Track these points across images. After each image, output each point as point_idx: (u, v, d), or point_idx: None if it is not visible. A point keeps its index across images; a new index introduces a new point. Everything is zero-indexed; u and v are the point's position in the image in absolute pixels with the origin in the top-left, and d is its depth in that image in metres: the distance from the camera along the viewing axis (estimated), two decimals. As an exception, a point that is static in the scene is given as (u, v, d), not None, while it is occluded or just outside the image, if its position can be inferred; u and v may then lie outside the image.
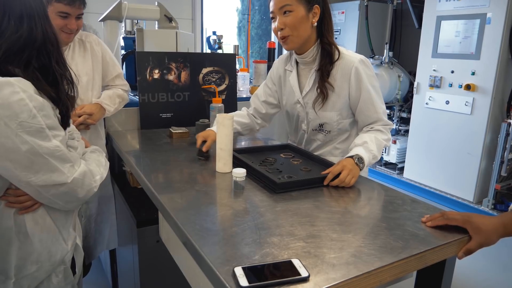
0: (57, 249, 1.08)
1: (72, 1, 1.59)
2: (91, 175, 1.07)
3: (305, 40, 1.47)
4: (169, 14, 2.50)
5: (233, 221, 1.04)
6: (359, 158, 1.36)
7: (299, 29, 1.42)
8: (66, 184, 0.98)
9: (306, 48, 1.51)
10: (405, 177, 4.07)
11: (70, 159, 0.99)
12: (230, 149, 1.40)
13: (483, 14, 3.22)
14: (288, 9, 1.40)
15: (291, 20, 1.41)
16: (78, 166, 1.03)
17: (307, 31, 1.45)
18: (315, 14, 1.45)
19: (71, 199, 1.03)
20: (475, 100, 3.33)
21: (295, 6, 1.40)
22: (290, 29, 1.42)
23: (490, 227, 0.97)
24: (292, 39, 1.44)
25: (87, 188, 1.05)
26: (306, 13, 1.42)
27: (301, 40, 1.46)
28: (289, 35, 1.43)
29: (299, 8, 1.40)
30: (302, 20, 1.41)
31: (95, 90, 1.85)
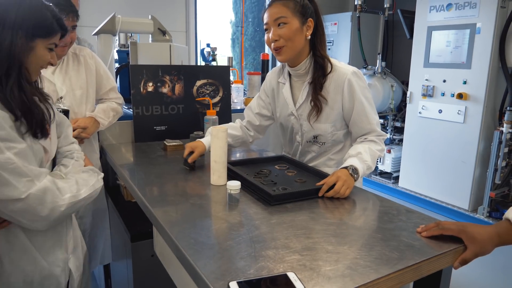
0: (33, 270, 1.05)
1: (65, 14, 1.59)
2: (58, 192, 1.00)
3: (299, 52, 1.49)
4: (162, 27, 2.51)
5: (228, 234, 1.03)
6: (354, 169, 1.36)
7: (294, 41, 1.44)
8: (21, 199, 0.92)
9: (299, 61, 1.52)
10: (400, 186, 4.08)
11: (27, 173, 0.93)
12: (225, 162, 1.39)
13: (472, 24, 3.27)
14: (283, 21, 1.42)
15: (285, 32, 1.42)
16: (38, 181, 0.96)
17: (301, 43, 1.46)
18: (309, 28, 1.47)
19: (33, 217, 0.96)
20: (467, 108, 3.36)
21: (290, 18, 1.42)
22: (284, 41, 1.43)
23: (485, 237, 0.97)
24: (286, 50, 1.45)
25: (50, 206, 0.97)
26: (300, 25, 1.44)
27: (294, 51, 1.47)
28: (284, 46, 1.44)
29: (294, 21, 1.42)
30: (296, 32, 1.43)
31: (89, 104, 1.84)
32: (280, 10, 1.42)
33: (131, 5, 4.10)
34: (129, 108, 2.22)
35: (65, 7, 1.60)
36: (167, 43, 2.45)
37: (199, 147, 1.57)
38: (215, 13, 5.18)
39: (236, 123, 1.83)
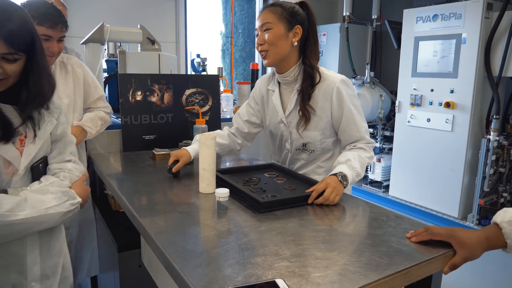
0: None
1: (54, 24, 1.59)
2: None
3: (283, 58, 1.50)
4: (151, 37, 2.51)
5: (216, 242, 1.02)
6: (343, 175, 1.36)
7: (277, 46, 1.47)
8: None
9: (286, 67, 1.54)
10: (391, 195, 4.09)
11: None
12: (213, 169, 1.38)
13: (458, 35, 3.33)
14: (268, 26, 1.47)
15: (269, 37, 1.46)
16: None
17: (285, 49, 1.48)
18: (296, 34, 1.48)
19: None
20: (455, 117, 3.40)
21: (275, 24, 1.46)
22: (268, 45, 1.48)
23: (474, 241, 0.97)
24: (269, 54, 1.49)
25: None
26: (285, 31, 1.46)
27: (278, 56, 1.49)
28: (267, 50, 1.49)
29: (279, 27, 1.46)
30: (280, 37, 1.46)
31: (76, 113, 1.82)
32: (266, 17, 1.47)
33: (120, 16, 4.10)
34: (118, 117, 2.20)
35: (54, 17, 1.59)
36: (156, 52, 2.45)
37: (184, 155, 1.56)
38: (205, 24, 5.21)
39: (224, 131, 1.83)
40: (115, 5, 4.10)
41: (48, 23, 1.56)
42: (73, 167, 1.21)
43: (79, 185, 1.19)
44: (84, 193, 1.18)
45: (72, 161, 1.23)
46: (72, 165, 1.22)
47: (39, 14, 1.56)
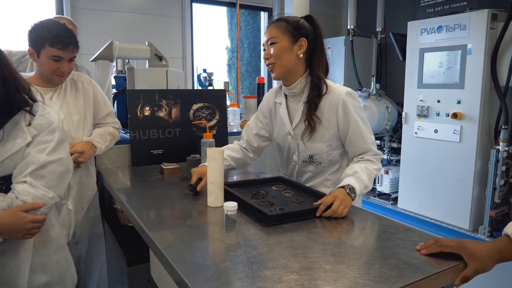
0: None
1: (66, 46, 1.62)
2: None
3: (290, 70, 1.53)
4: (159, 53, 2.55)
5: (225, 255, 1.02)
6: (351, 188, 1.36)
7: (282, 59, 1.51)
8: None
9: (293, 80, 1.56)
10: (400, 207, 4.05)
11: None
12: (221, 183, 1.39)
13: (463, 46, 3.34)
14: (273, 41, 1.51)
15: (274, 51, 1.51)
16: None
17: (290, 61, 1.52)
18: (301, 47, 1.51)
19: None
20: (462, 128, 3.39)
21: (279, 38, 1.50)
22: (274, 58, 1.52)
23: (485, 253, 0.96)
24: (276, 68, 1.53)
25: None
26: (290, 44, 1.50)
27: (285, 69, 1.53)
28: (274, 63, 1.52)
29: (283, 40, 1.50)
30: (285, 50, 1.50)
31: (86, 128, 1.85)
32: (271, 32, 1.52)
33: (128, 33, 4.18)
34: (126, 133, 2.22)
35: (65, 39, 1.62)
36: (164, 68, 2.49)
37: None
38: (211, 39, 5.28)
39: (234, 145, 1.84)
40: (123, 23, 4.19)
41: (59, 44, 1.60)
42: (23, 189, 1.14)
43: (8, 214, 1.10)
44: (11, 223, 1.10)
45: (28, 183, 1.15)
46: (24, 188, 1.14)
47: (51, 36, 1.59)
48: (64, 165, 1.24)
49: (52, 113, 1.25)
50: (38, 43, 1.61)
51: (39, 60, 1.66)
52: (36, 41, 1.62)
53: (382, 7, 4.66)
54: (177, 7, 4.50)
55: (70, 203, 1.80)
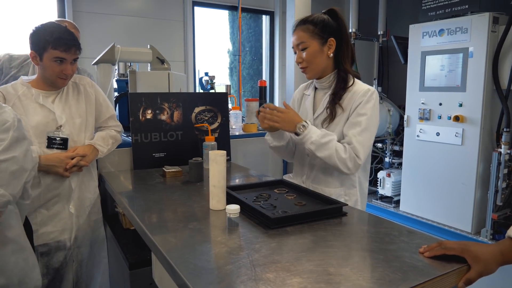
0: None
1: (68, 48, 1.64)
2: None
3: (322, 69, 1.60)
4: (161, 56, 2.56)
5: (227, 258, 1.02)
6: (303, 124, 1.50)
7: (314, 62, 1.58)
8: None
9: (323, 75, 1.63)
10: (402, 210, 4.04)
11: None
12: (223, 186, 1.39)
13: (465, 49, 3.34)
14: (303, 46, 1.57)
15: (306, 56, 1.57)
16: None
17: (322, 62, 1.59)
18: (331, 46, 1.57)
19: None
20: (464, 131, 3.38)
21: (309, 42, 1.56)
22: (306, 63, 1.59)
23: (488, 256, 0.96)
24: (309, 70, 1.60)
25: None
26: (320, 46, 1.56)
27: (318, 70, 1.60)
28: (307, 67, 1.60)
29: (313, 44, 1.56)
30: (316, 54, 1.56)
31: (88, 132, 1.86)
32: (300, 36, 1.57)
33: (130, 36, 4.20)
34: (128, 136, 2.23)
35: (68, 41, 1.64)
36: (166, 71, 2.49)
37: None
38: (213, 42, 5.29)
39: None
40: (125, 26, 4.20)
41: (62, 46, 1.61)
42: None
43: None
44: None
45: None
46: None
47: (54, 39, 1.61)
48: (18, 164, 1.23)
49: (8, 112, 1.24)
50: (41, 46, 1.62)
51: (41, 63, 1.66)
52: (39, 44, 1.63)
53: (383, 11, 4.67)
54: (179, 11, 4.52)
55: (72, 206, 1.80)
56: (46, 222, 1.74)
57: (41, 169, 1.66)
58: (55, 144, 1.73)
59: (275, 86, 5.37)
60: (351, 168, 1.52)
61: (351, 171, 1.54)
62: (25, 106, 1.69)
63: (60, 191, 1.77)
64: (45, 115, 1.72)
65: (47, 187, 1.72)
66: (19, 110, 1.67)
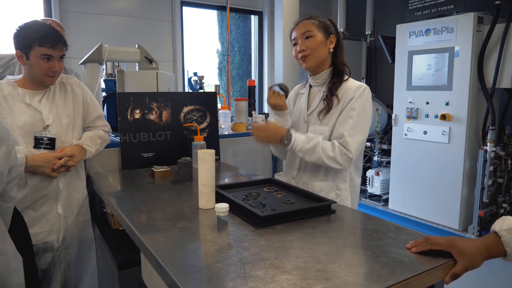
0: None
1: (55, 44, 1.62)
2: None
3: (322, 61, 1.67)
4: (149, 56, 2.54)
5: (217, 256, 1.02)
6: (289, 135, 1.59)
7: (318, 51, 1.63)
8: None
9: (320, 71, 1.68)
10: (391, 208, 4.08)
11: None
12: (213, 185, 1.39)
13: (451, 48, 3.38)
14: (309, 34, 1.63)
15: (311, 43, 1.63)
16: None
17: (324, 54, 1.65)
18: (332, 42, 1.66)
19: None
20: (451, 129, 3.43)
21: (315, 32, 1.63)
22: (310, 50, 1.63)
23: (474, 250, 0.98)
24: (311, 58, 1.64)
25: None
26: (324, 39, 1.65)
27: (318, 60, 1.65)
28: (309, 55, 1.64)
29: (319, 34, 1.63)
30: (321, 43, 1.63)
31: (75, 132, 1.84)
32: (306, 26, 1.64)
33: (117, 35, 4.16)
34: (116, 136, 2.21)
35: (54, 37, 1.63)
36: (154, 70, 2.48)
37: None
38: (202, 42, 5.28)
39: None
40: (113, 26, 4.16)
41: (48, 43, 1.60)
42: None
43: None
44: None
45: None
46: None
47: (39, 36, 1.59)
48: None
49: None
50: (27, 45, 1.60)
51: (28, 62, 1.64)
52: (24, 42, 1.61)
53: (371, 11, 4.71)
54: (167, 11, 4.50)
55: (59, 207, 1.78)
56: (33, 223, 1.72)
57: (28, 170, 1.64)
58: (42, 144, 1.71)
59: (264, 86, 5.38)
60: (342, 163, 1.56)
61: (343, 166, 1.57)
62: (11, 106, 1.67)
63: (48, 192, 1.75)
64: (31, 115, 1.70)
65: (34, 187, 1.70)
66: (4, 109, 1.65)
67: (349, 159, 1.55)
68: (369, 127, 1.63)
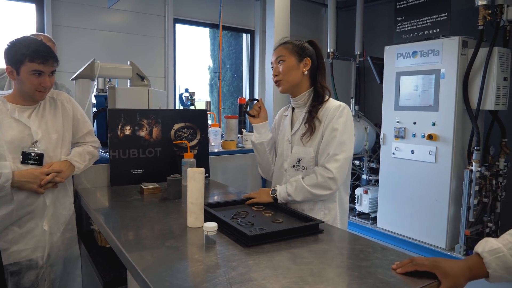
0: None
1: (46, 60, 1.63)
2: None
3: (296, 85, 1.70)
4: (141, 73, 2.56)
5: (204, 276, 1.02)
6: (273, 189, 1.66)
7: (289, 75, 1.67)
8: None
9: (298, 93, 1.71)
10: (379, 226, 4.10)
11: None
12: (201, 203, 1.39)
13: (437, 70, 3.48)
14: (282, 59, 1.68)
15: (283, 68, 1.68)
16: None
17: (296, 78, 1.68)
18: (306, 65, 1.67)
19: None
20: (438, 149, 3.49)
21: (287, 57, 1.67)
22: (282, 75, 1.68)
23: (457, 271, 0.99)
24: (283, 83, 1.69)
25: None
26: (297, 63, 1.67)
27: (290, 84, 1.69)
28: (281, 80, 1.69)
29: (291, 59, 1.67)
30: (292, 68, 1.67)
31: (64, 147, 1.83)
32: (280, 51, 1.70)
33: (110, 51, 4.18)
34: (106, 152, 2.20)
35: (45, 53, 1.63)
36: (146, 87, 2.49)
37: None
38: (194, 59, 5.33)
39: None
40: (105, 42, 4.19)
41: (39, 59, 1.61)
42: None
43: None
44: None
45: None
46: None
47: (30, 51, 1.60)
48: None
49: None
50: (17, 60, 1.61)
51: (19, 77, 1.65)
52: (15, 57, 1.61)
53: (360, 32, 4.82)
54: (160, 27, 4.55)
55: (45, 223, 1.76)
56: (18, 240, 1.70)
57: (14, 185, 1.63)
58: (30, 160, 1.69)
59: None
60: (331, 187, 1.57)
61: (333, 190, 1.58)
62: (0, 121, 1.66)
63: (34, 208, 1.72)
64: (20, 130, 1.69)
65: (20, 203, 1.68)
66: (-7, 125, 1.64)
67: (335, 180, 1.56)
68: (353, 144, 1.65)
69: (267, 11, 3.51)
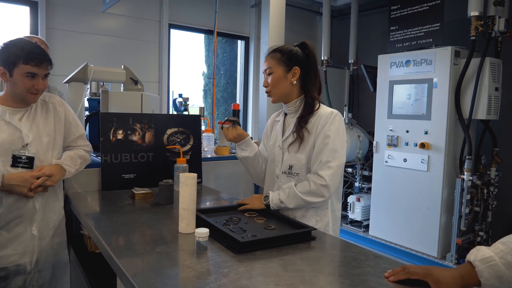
0: None
1: (40, 62, 1.62)
2: None
3: (286, 94, 1.69)
4: (134, 77, 2.55)
5: (195, 283, 1.01)
6: (266, 196, 1.64)
7: (278, 87, 1.67)
8: None
9: (289, 100, 1.71)
10: (371, 234, 4.10)
11: None
12: (193, 209, 1.38)
13: (430, 79, 3.51)
14: (270, 71, 1.68)
15: (271, 80, 1.67)
16: None
17: (285, 88, 1.67)
18: (295, 74, 1.66)
19: None
20: (430, 157, 3.51)
21: (275, 68, 1.66)
22: (271, 87, 1.69)
23: (450, 280, 0.99)
24: (272, 94, 1.70)
25: None
26: (284, 73, 1.66)
27: (279, 94, 1.69)
28: (270, 91, 1.69)
29: (278, 70, 1.66)
30: (280, 79, 1.66)
31: (55, 151, 1.81)
32: (268, 62, 1.69)
33: (103, 55, 4.17)
34: (97, 156, 2.18)
35: (39, 56, 1.62)
36: (139, 92, 2.48)
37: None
38: (188, 65, 5.33)
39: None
40: (100, 46, 4.18)
41: (34, 61, 1.60)
42: None
43: None
44: None
45: None
46: None
47: (25, 53, 1.59)
48: None
49: None
50: (11, 62, 1.59)
51: (11, 79, 1.63)
52: (9, 59, 1.60)
53: (354, 40, 4.87)
54: (155, 32, 4.55)
55: (34, 228, 1.73)
56: (6, 245, 1.66)
57: (3, 189, 1.60)
58: (20, 163, 1.67)
59: (248, 110, 5.43)
60: (324, 195, 1.56)
61: (326, 197, 1.57)
62: (-10, 123, 1.64)
63: (23, 212, 1.70)
64: (11, 133, 1.67)
65: (9, 207, 1.65)
66: (-17, 127, 1.62)
67: (328, 187, 1.55)
68: (345, 151, 1.65)
69: (262, 18, 3.52)
